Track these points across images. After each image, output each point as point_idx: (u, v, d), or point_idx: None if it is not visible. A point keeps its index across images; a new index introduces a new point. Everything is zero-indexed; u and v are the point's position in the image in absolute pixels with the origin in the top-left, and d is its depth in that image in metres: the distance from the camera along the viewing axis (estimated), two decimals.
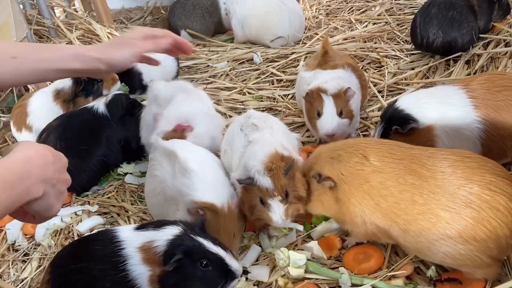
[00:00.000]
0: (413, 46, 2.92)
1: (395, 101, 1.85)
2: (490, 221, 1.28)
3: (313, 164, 1.59)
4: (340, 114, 2.02)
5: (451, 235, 1.30)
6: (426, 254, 1.39)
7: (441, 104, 1.75)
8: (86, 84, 2.61)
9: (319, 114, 2.04)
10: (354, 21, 3.65)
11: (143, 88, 2.99)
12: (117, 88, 2.74)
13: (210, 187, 1.62)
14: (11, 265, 1.88)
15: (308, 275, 1.56)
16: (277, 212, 1.56)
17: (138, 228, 1.43)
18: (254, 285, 1.59)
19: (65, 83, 2.63)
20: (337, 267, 1.58)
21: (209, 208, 1.56)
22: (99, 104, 2.34)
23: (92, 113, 2.32)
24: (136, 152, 2.36)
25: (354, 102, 2.09)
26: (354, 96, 2.06)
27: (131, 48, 1.61)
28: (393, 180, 1.39)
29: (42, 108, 2.59)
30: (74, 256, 1.41)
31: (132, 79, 2.93)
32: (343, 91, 2.01)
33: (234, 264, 1.37)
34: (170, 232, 1.36)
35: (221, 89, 3.01)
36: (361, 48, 3.12)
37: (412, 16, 2.91)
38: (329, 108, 2.01)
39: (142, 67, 2.95)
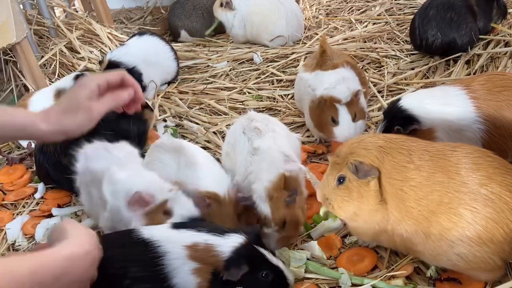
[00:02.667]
0: (412, 47, 2.93)
1: (399, 99, 1.85)
2: (508, 223, 1.26)
3: (354, 151, 1.41)
4: (354, 118, 2.05)
5: (470, 235, 1.28)
6: (442, 259, 1.37)
7: (443, 105, 1.75)
8: None
9: (334, 121, 2.05)
10: (354, 21, 3.65)
11: (143, 89, 2.99)
12: None
13: (213, 178, 1.70)
14: None
15: (308, 275, 1.55)
16: (271, 241, 1.59)
17: (176, 227, 1.44)
18: None
19: (67, 83, 2.60)
20: (337, 267, 1.57)
21: (214, 197, 1.63)
22: None
23: None
24: (143, 137, 2.27)
25: (363, 100, 2.12)
26: (362, 95, 2.10)
27: (86, 113, 1.45)
28: (427, 179, 1.33)
29: (43, 107, 2.57)
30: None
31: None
32: (354, 94, 2.03)
33: (290, 276, 1.42)
34: (235, 240, 1.38)
35: (221, 89, 3.01)
36: (361, 48, 3.12)
37: (412, 16, 2.91)
38: (344, 116, 2.03)
39: (142, 68, 2.94)
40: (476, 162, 1.33)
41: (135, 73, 2.90)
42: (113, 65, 2.87)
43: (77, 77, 2.60)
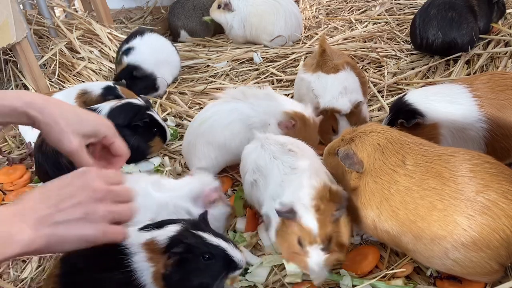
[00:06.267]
0: (412, 47, 2.93)
1: (405, 94, 1.86)
2: (504, 229, 1.26)
3: (355, 138, 1.48)
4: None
5: (465, 242, 1.28)
6: (435, 262, 1.36)
7: (448, 103, 1.75)
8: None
9: (334, 131, 2.11)
10: (354, 21, 3.65)
11: (156, 89, 3.04)
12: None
13: (296, 104, 2.01)
14: (11, 265, 1.88)
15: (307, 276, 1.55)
16: (316, 261, 1.38)
17: (141, 229, 1.43)
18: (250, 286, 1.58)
19: (95, 89, 2.56)
20: (337, 268, 1.56)
21: (300, 117, 1.89)
22: (105, 108, 2.24)
23: None
24: (137, 155, 2.33)
25: (365, 109, 2.16)
26: (364, 105, 2.14)
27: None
28: (418, 185, 1.34)
29: None
30: (84, 257, 1.40)
31: (146, 81, 2.97)
32: (355, 106, 2.06)
33: (236, 254, 1.38)
34: (172, 229, 1.37)
35: (221, 89, 3.01)
36: (361, 48, 3.12)
37: (412, 16, 2.91)
38: (344, 126, 2.08)
39: (156, 71, 3.00)
40: (473, 169, 1.32)
41: (150, 79, 2.99)
42: (130, 68, 2.91)
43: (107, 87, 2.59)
